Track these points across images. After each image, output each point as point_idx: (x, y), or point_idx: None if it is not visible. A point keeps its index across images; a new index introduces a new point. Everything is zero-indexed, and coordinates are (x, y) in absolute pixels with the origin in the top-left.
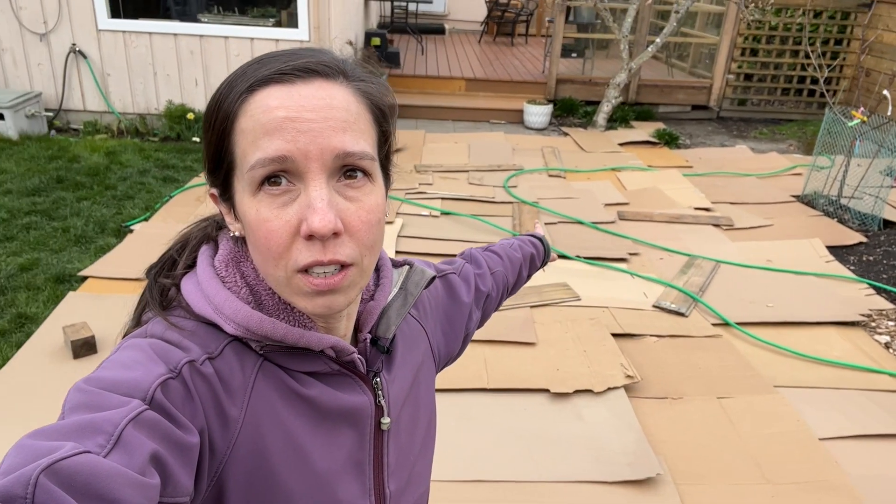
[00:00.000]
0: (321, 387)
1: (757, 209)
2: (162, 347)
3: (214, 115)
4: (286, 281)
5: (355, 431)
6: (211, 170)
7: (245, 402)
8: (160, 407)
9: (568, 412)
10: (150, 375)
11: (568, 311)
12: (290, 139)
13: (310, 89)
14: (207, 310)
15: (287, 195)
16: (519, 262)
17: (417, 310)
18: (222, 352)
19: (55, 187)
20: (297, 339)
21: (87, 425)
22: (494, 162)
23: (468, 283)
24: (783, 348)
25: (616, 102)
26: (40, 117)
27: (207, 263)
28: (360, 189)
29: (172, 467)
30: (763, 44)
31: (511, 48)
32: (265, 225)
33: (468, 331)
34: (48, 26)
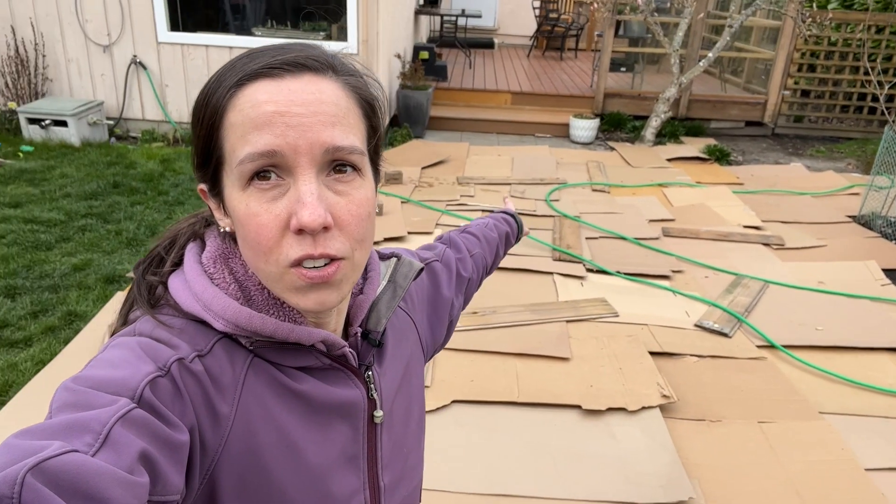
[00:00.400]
0: (313, 381)
1: (810, 229)
2: (150, 346)
3: (203, 110)
4: (278, 276)
5: (348, 425)
6: (200, 164)
7: (236, 398)
8: (149, 405)
9: (600, 430)
10: (139, 374)
11: (605, 327)
12: (279, 133)
13: (299, 83)
14: (196, 307)
15: (276, 189)
16: (496, 241)
17: (406, 302)
18: (212, 349)
19: (111, 192)
20: (288, 333)
21: (75, 424)
22: (537, 175)
23: (450, 269)
24: (832, 373)
25: (665, 117)
26: (102, 125)
27: (195, 261)
28: (350, 183)
29: (162, 466)
30: (821, 59)
31: (560, 62)
32: (255, 219)
33: (451, 318)
34: (111, 38)
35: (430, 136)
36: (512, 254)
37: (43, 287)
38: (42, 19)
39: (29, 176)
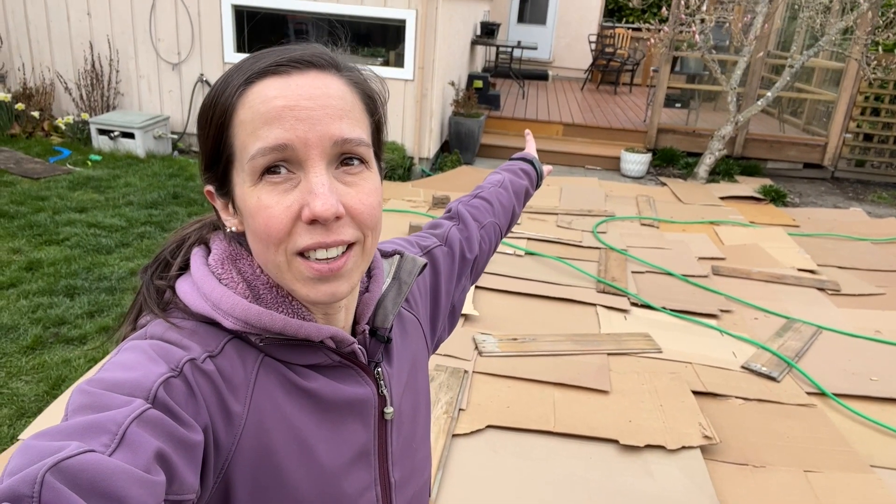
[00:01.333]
0: (323, 379)
1: (868, 276)
2: (162, 347)
3: (212, 110)
4: (286, 265)
5: (360, 423)
6: (208, 165)
7: (248, 397)
8: (163, 405)
9: (637, 467)
10: (152, 374)
11: (647, 363)
12: (289, 128)
13: (306, 79)
14: (205, 307)
15: (288, 183)
16: (511, 203)
17: (408, 302)
18: (223, 349)
19: (171, 202)
20: (297, 330)
21: (92, 425)
22: (585, 206)
23: (453, 253)
24: (885, 426)
25: (720, 155)
26: (166, 139)
27: (201, 263)
28: (358, 175)
29: (177, 465)
30: (886, 103)
31: (614, 96)
32: (266, 211)
33: (454, 302)
34: (181, 57)
35: (480, 163)
36: (556, 283)
37: (101, 289)
38: (118, 37)
39: (95, 183)
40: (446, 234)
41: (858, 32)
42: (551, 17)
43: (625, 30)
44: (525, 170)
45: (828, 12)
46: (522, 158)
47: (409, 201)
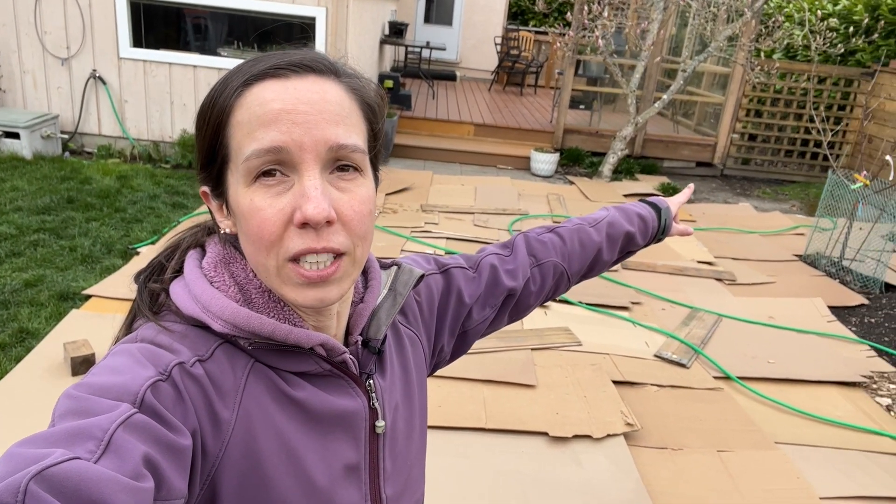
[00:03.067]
0: (311, 389)
1: (759, 266)
2: (151, 351)
3: (210, 110)
4: (276, 270)
5: (349, 436)
6: (204, 165)
7: (237, 403)
8: (151, 409)
9: (567, 457)
10: (139, 379)
11: (569, 356)
12: (285, 130)
13: (304, 83)
14: (195, 309)
15: (281, 185)
16: (596, 248)
17: (407, 317)
18: (213, 354)
19: (65, 207)
20: (286, 335)
21: (77, 431)
22: (500, 205)
23: (480, 277)
24: (785, 405)
25: (622, 155)
26: (55, 139)
27: (195, 265)
28: (352, 181)
29: (165, 470)
30: (767, 106)
31: (520, 97)
32: (259, 213)
33: (466, 328)
34: (71, 52)
35: (394, 163)
36: None
37: None
38: None
39: None
40: (480, 259)
41: (743, 39)
42: (457, 18)
43: (528, 33)
44: (642, 215)
45: (715, 20)
46: (653, 203)
47: None
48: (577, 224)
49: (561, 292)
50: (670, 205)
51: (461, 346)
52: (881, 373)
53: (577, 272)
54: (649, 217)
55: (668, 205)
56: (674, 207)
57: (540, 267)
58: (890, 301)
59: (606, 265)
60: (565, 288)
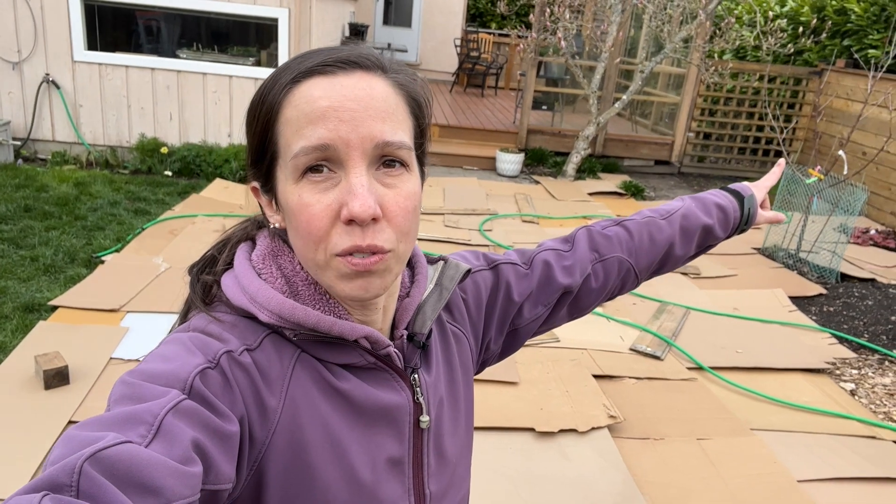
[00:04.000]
0: (355, 381)
1: (721, 259)
2: (201, 340)
3: (259, 108)
4: (325, 264)
5: (393, 429)
6: (254, 161)
7: (283, 392)
8: (199, 396)
9: (553, 451)
10: (189, 366)
11: (548, 352)
12: (332, 128)
13: (351, 80)
14: (243, 300)
15: (329, 182)
16: (668, 242)
17: (453, 314)
18: (261, 343)
19: (22, 216)
20: (330, 326)
21: (129, 416)
22: (469, 206)
23: (531, 275)
24: (756, 392)
25: (585, 154)
26: (7, 146)
27: (244, 258)
28: (398, 177)
29: (213, 455)
30: (721, 105)
31: (481, 99)
32: (307, 209)
33: (516, 326)
34: (22, 55)
35: None
36: None
37: None
38: None
39: None
40: (535, 255)
41: (697, 41)
42: (416, 20)
43: (488, 35)
44: (722, 205)
45: (671, 22)
46: (735, 190)
47: None
48: (648, 217)
49: (629, 289)
50: (755, 191)
51: (512, 343)
52: (843, 359)
53: (645, 268)
54: (730, 207)
55: (752, 192)
56: (759, 193)
57: (603, 263)
58: (847, 290)
59: (681, 260)
60: (633, 285)
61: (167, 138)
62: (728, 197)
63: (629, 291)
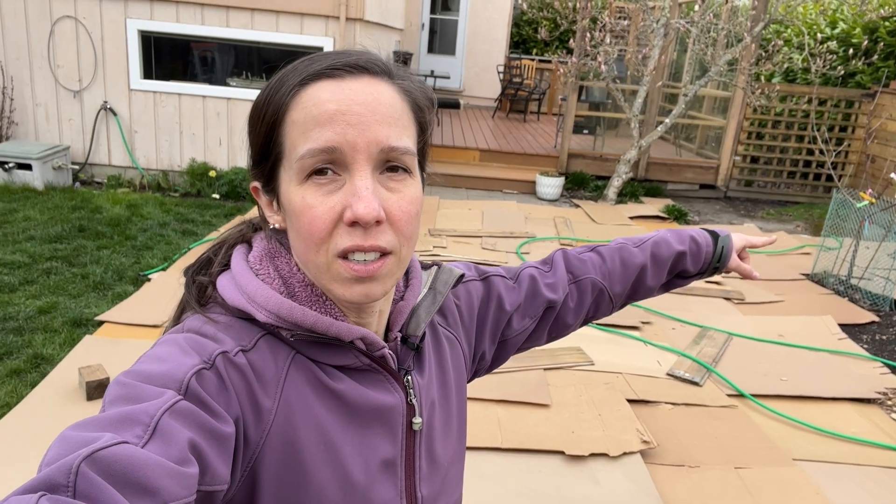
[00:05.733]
0: (350, 382)
1: (767, 285)
2: (196, 341)
3: (265, 108)
4: (326, 266)
5: (386, 430)
6: (257, 161)
7: (278, 393)
8: (195, 397)
9: (584, 476)
10: (184, 367)
11: (582, 375)
12: (339, 131)
13: (359, 84)
14: (240, 300)
15: (333, 184)
16: (639, 267)
17: (447, 318)
18: (256, 344)
19: (77, 236)
20: (327, 327)
21: (126, 417)
22: (507, 229)
23: (520, 287)
24: (800, 422)
25: (626, 178)
26: (66, 170)
27: (241, 258)
28: (402, 182)
29: (209, 456)
30: (769, 128)
31: (523, 124)
32: (310, 211)
33: (506, 337)
34: (82, 84)
35: None
36: None
37: (6, 329)
38: (12, 63)
39: None
40: (519, 271)
41: (743, 64)
42: (460, 47)
43: (530, 61)
44: (696, 238)
45: (715, 45)
46: (712, 230)
47: None
48: (621, 243)
49: (604, 313)
50: (735, 238)
51: (500, 355)
52: (895, 389)
53: (619, 293)
54: (703, 241)
55: (728, 234)
56: (740, 241)
57: (577, 284)
58: None
59: (653, 290)
60: (608, 308)
61: (216, 163)
62: (703, 233)
63: (604, 316)
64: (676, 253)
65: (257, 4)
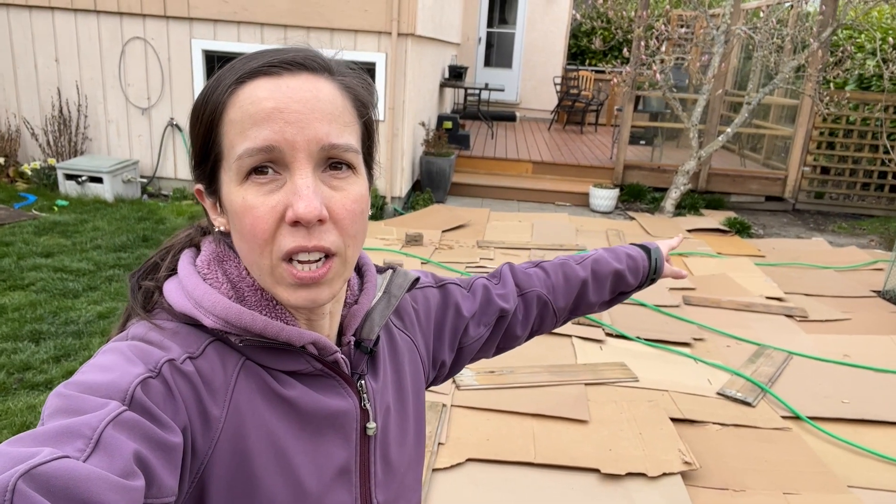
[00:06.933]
0: (302, 388)
1: (834, 302)
2: (141, 349)
3: (203, 108)
4: (270, 270)
5: (340, 436)
6: (197, 163)
7: (227, 401)
8: (141, 406)
9: (619, 495)
10: (129, 376)
11: (624, 392)
12: (277, 129)
13: (297, 82)
14: (187, 305)
15: (273, 183)
16: (580, 282)
17: (404, 321)
18: (204, 351)
19: (140, 245)
20: (278, 332)
21: (66, 430)
22: (557, 241)
23: (474, 296)
24: (859, 447)
25: (685, 189)
26: (135, 183)
27: (188, 262)
28: (345, 180)
29: (156, 467)
30: (840, 137)
31: (580, 136)
32: (251, 212)
33: (463, 344)
34: (150, 102)
35: (452, 201)
36: None
37: (67, 333)
38: (87, 82)
39: (62, 228)
40: (472, 281)
41: (810, 70)
42: (517, 60)
43: (588, 72)
44: (631, 254)
45: (781, 51)
46: (642, 244)
47: (382, 239)
48: (562, 260)
49: (548, 327)
50: (660, 246)
51: (457, 363)
52: None
53: (563, 307)
54: (639, 256)
55: (657, 246)
56: (664, 248)
57: (524, 297)
58: None
59: (595, 305)
60: (552, 323)
61: None
62: (636, 249)
63: (548, 330)
64: (615, 270)
65: (313, 23)
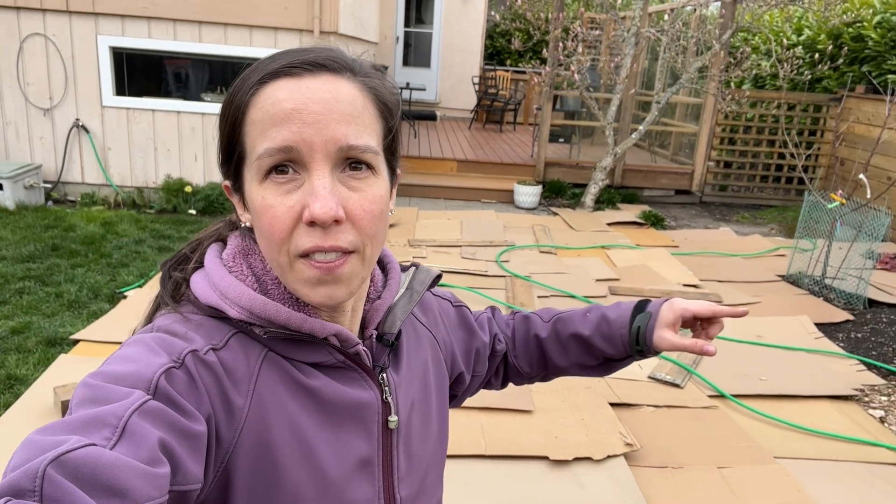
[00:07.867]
0: (325, 379)
1: (744, 287)
2: (165, 340)
3: (228, 107)
4: (289, 266)
5: (362, 429)
6: (224, 160)
7: (250, 391)
8: (164, 396)
9: (568, 480)
10: (153, 366)
11: (563, 381)
12: (296, 130)
13: (317, 83)
14: (213, 296)
15: (292, 183)
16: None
17: (427, 316)
18: (227, 343)
19: (50, 255)
20: (301, 324)
21: (93, 419)
22: (486, 238)
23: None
24: (780, 420)
25: (603, 185)
26: (38, 188)
27: (215, 255)
28: (364, 180)
29: (180, 455)
30: (741, 133)
31: (500, 134)
32: (270, 211)
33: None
34: (53, 102)
35: None
36: None
37: None
38: None
39: None
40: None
41: (713, 71)
42: (435, 60)
43: (505, 72)
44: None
45: (685, 53)
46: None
47: None
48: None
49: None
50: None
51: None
52: (872, 385)
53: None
54: (619, 321)
55: (659, 308)
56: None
57: None
58: (875, 316)
59: (562, 370)
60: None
61: (192, 178)
62: (624, 310)
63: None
64: (575, 334)
65: (230, 19)
